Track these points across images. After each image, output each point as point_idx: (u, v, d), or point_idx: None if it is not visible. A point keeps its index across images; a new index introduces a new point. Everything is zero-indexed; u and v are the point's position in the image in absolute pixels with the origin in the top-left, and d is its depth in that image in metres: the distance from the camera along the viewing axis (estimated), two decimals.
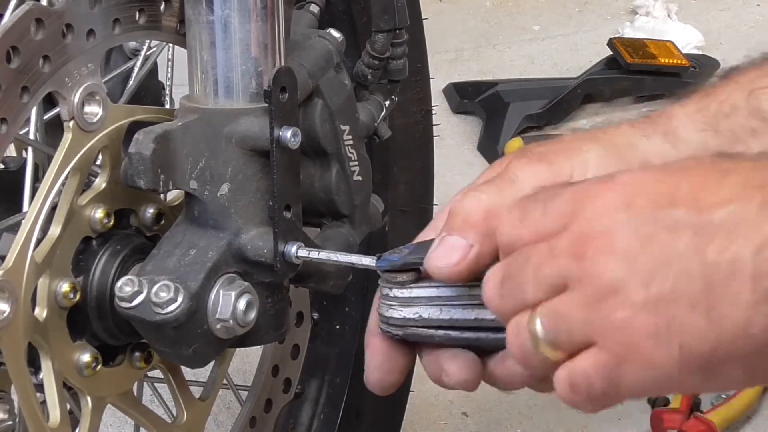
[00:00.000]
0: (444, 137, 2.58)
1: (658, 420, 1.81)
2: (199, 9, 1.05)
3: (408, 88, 1.51)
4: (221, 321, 1.05)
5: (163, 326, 1.03)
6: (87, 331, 1.08)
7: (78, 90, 1.03)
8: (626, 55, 2.67)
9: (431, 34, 1.58)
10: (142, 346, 1.13)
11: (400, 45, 1.24)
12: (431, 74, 1.58)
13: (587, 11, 3.17)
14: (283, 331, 1.13)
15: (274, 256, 1.05)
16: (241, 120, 1.06)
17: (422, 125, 1.58)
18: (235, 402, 1.40)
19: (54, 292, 1.04)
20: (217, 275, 1.05)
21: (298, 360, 1.37)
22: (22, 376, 1.03)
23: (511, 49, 3.00)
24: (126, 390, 1.14)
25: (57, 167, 1.03)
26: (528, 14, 3.15)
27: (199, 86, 1.07)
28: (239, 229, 1.06)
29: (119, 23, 1.06)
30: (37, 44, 0.99)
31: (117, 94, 1.18)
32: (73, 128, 1.04)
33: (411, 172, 1.58)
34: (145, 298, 1.02)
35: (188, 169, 1.04)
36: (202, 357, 1.08)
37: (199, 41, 1.06)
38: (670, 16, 3.01)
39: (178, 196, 1.14)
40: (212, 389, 1.24)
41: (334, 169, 1.14)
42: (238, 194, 1.06)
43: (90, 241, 1.08)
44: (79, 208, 1.06)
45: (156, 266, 1.05)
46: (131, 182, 1.02)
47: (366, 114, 1.22)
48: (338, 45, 1.16)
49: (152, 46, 1.22)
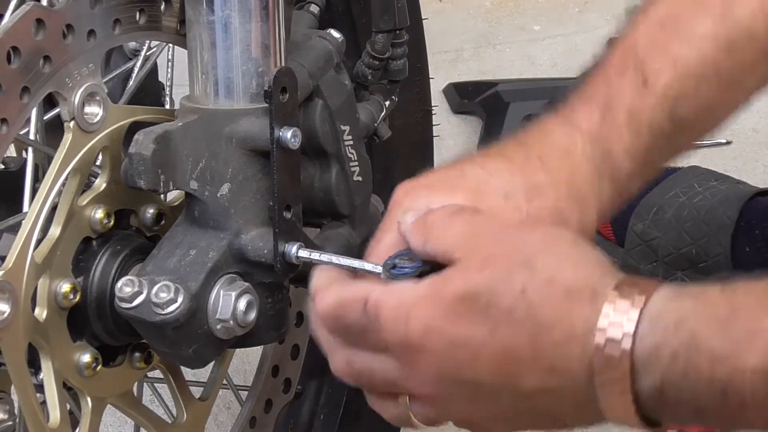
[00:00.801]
0: (444, 137, 2.58)
1: None
2: (199, 9, 1.05)
3: (408, 88, 1.51)
4: (221, 321, 1.05)
5: (163, 327, 1.03)
6: (87, 331, 1.08)
7: (78, 90, 1.03)
8: None
9: (431, 34, 1.58)
10: (142, 346, 1.13)
11: (400, 45, 1.24)
12: (431, 74, 1.58)
13: (587, 11, 3.17)
14: (283, 332, 1.13)
15: (275, 256, 1.05)
16: (242, 120, 1.06)
17: (422, 125, 1.58)
18: (235, 402, 1.40)
19: (54, 292, 1.04)
20: (218, 275, 1.05)
21: (298, 360, 1.37)
22: (23, 377, 1.03)
23: (511, 49, 3.00)
24: (126, 390, 1.14)
25: (57, 168, 1.03)
26: (528, 14, 3.15)
27: (200, 86, 1.07)
28: (239, 230, 1.06)
29: (120, 23, 1.06)
30: (38, 45, 0.99)
31: (117, 95, 1.18)
32: (73, 129, 1.04)
33: (411, 172, 1.58)
34: (145, 298, 1.03)
35: (188, 169, 1.04)
36: (202, 357, 1.08)
37: (199, 42, 1.06)
38: None
39: (179, 196, 1.14)
40: (212, 389, 1.24)
41: (334, 169, 1.14)
42: (238, 194, 1.06)
43: (90, 242, 1.08)
44: (79, 208, 1.06)
45: (156, 267, 1.05)
46: (131, 182, 1.02)
47: (366, 114, 1.22)
48: (338, 45, 1.16)
49: (152, 46, 1.22)
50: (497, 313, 0.84)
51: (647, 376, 0.81)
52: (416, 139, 1.57)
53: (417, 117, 1.56)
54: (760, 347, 0.77)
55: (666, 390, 0.81)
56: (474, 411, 0.89)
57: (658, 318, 0.81)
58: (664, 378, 0.80)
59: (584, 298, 0.83)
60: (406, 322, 0.87)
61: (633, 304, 0.82)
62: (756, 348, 0.78)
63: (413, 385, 0.89)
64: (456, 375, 0.86)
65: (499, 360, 0.85)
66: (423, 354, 0.87)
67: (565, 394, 0.84)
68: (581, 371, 0.83)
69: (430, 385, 0.88)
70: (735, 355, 0.78)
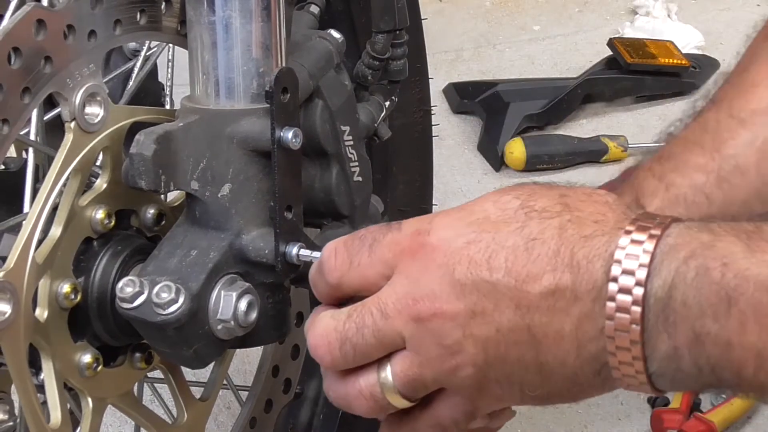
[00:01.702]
0: (444, 137, 2.58)
1: (658, 420, 1.81)
2: (200, 10, 1.05)
3: (408, 88, 1.51)
4: (222, 322, 1.05)
5: (164, 327, 1.03)
6: (88, 331, 1.08)
7: (79, 91, 1.03)
8: (626, 55, 2.67)
9: (431, 34, 1.58)
10: (143, 346, 1.13)
11: (400, 45, 1.24)
12: (431, 74, 1.58)
13: (587, 11, 3.17)
14: (283, 332, 1.13)
15: (276, 256, 1.05)
16: (243, 121, 1.06)
17: (422, 125, 1.58)
18: (235, 402, 1.41)
19: (55, 292, 1.04)
20: (218, 276, 1.05)
21: (298, 360, 1.37)
22: (23, 377, 1.03)
23: (511, 49, 3.00)
24: (126, 390, 1.14)
25: (58, 168, 1.03)
26: (528, 14, 3.15)
27: (200, 87, 1.07)
28: (240, 230, 1.06)
29: (120, 24, 1.06)
30: (39, 45, 0.99)
31: (117, 95, 1.18)
32: (74, 129, 1.04)
33: (411, 172, 1.58)
34: (146, 298, 1.03)
35: (189, 169, 1.04)
36: (203, 358, 1.08)
37: (200, 42, 1.06)
38: (670, 16, 3.02)
39: (179, 196, 1.14)
40: (212, 390, 1.24)
41: (335, 169, 1.14)
42: (239, 195, 1.06)
43: (91, 242, 1.08)
44: (80, 208, 1.06)
45: (157, 267, 1.05)
46: (132, 183, 1.02)
47: (366, 114, 1.22)
48: (338, 46, 1.16)
49: (152, 46, 1.22)
50: (531, 211, 0.85)
51: (659, 276, 0.81)
52: (416, 139, 1.57)
53: (417, 117, 1.56)
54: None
55: (674, 294, 0.80)
56: (474, 350, 0.87)
57: (684, 226, 0.82)
58: (675, 277, 0.80)
59: (613, 204, 0.85)
60: (423, 230, 0.89)
61: (659, 219, 0.83)
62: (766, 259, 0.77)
63: (408, 308, 0.88)
64: (470, 276, 0.86)
65: (521, 253, 0.84)
66: (435, 253, 0.87)
67: (573, 310, 0.83)
68: (600, 271, 0.82)
69: (438, 298, 0.87)
70: (747, 266, 0.78)
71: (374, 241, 0.91)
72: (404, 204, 1.57)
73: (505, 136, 2.54)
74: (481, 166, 2.57)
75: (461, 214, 0.88)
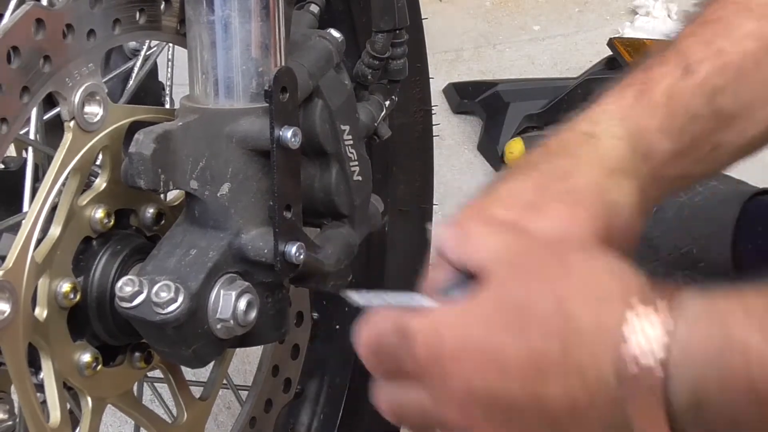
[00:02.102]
0: (444, 137, 2.58)
1: None
2: (199, 9, 1.05)
3: (408, 87, 1.51)
4: (221, 321, 1.05)
5: (163, 326, 1.03)
6: (87, 331, 1.08)
7: (78, 90, 1.03)
8: (626, 55, 2.67)
9: (431, 34, 1.58)
10: (142, 346, 1.13)
11: (400, 45, 1.24)
12: (431, 74, 1.58)
13: (587, 11, 3.17)
14: (283, 331, 1.13)
15: (275, 256, 1.05)
16: (242, 120, 1.06)
17: (422, 125, 1.58)
18: (235, 402, 1.41)
19: (54, 292, 1.04)
20: (218, 275, 1.05)
21: (298, 360, 1.37)
22: (23, 376, 1.03)
23: (511, 49, 3.00)
24: (126, 390, 1.14)
25: (57, 167, 1.03)
26: (528, 14, 3.15)
27: (200, 86, 1.07)
28: (239, 229, 1.06)
29: (119, 23, 1.06)
30: (38, 44, 0.99)
31: (117, 95, 1.18)
32: (73, 128, 1.04)
33: (411, 172, 1.58)
34: (145, 298, 1.03)
35: (189, 169, 1.04)
36: (203, 357, 1.08)
37: (199, 41, 1.06)
38: (670, 16, 3.02)
39: (178, 196, 1.14)
40: (212, 389, 1.25)
41: (334, 169, 1.14)
42: (238, 194, 1.06)
43: (90, 241, 1.08)
44: (79, 208, 1.06)
45: (156, 266, 1.05)
46: (132, 182, 1.02)
47: (366, 114, 1.22)
48: (338, 45, 1.16)
49: (152, 46, 1.22)
50: (532, 322, 0.83)
51: (680, 383, 0.79)
52: (416, 138, 1.57)
53: (417, 117, 1.56)
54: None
55: (701, 397, 0.78)
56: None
57: (694, 319, 0.80)
58: (698, 381, 0.78)
59: (616, 307, 0.82)
60: (440, 338, 0.86)
61: (666, 309, 0.81)
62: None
63: (444, 411, 0.87)
64: (487, 392, 0.85)
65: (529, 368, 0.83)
66: (454, 371, 0.85)
67: (593, 414, 0.82)
68: (611, 379, 0.81)
69: (460, 409, 0.86)
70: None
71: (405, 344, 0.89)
72: (404, 204, 1.57)
73: (505, 136, 2.55)
74: (481, 166, 2.57)
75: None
